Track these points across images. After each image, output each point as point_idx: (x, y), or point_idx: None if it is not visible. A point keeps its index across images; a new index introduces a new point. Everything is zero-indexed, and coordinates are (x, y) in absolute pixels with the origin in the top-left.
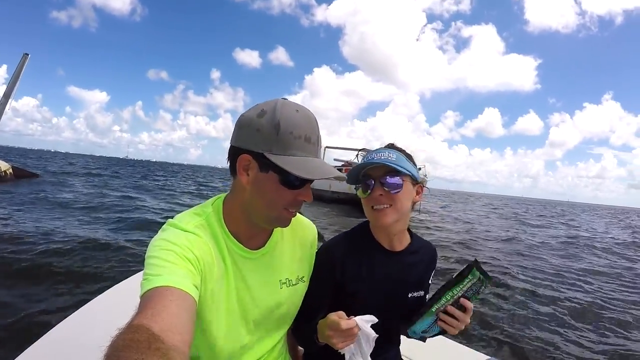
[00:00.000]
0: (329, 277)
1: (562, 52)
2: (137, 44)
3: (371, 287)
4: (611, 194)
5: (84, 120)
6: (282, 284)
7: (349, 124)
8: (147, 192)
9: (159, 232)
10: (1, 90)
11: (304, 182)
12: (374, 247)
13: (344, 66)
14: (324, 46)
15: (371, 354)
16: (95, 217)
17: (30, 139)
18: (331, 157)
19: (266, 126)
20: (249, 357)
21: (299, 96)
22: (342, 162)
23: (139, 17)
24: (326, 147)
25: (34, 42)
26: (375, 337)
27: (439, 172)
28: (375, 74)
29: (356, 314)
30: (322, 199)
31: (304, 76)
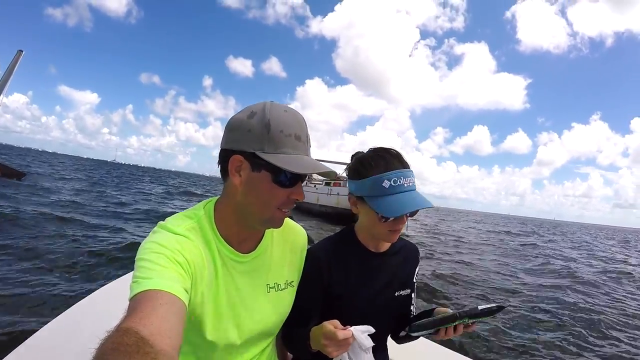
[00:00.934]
0: (317, 281)
1: (552, 72)
2: (131, 46)
3: (358, 289)
4: (597, 212)
5: (73, 120)
6: (271, 288)
7: (338, 137)
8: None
9: (149, 234)
10: None
11: (295, 181)
12: (360, 250)
13: (336, 79)
14: (318, 58)
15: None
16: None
17: (18, 136)
18: None
19: (257, 126)
20: None
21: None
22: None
23: (134, 19)
24: (316, 160)
25: (26, 38)
26: (371, 346)
27: (427, 188)
28: (367, 88)
29: (346, 317)
30: (311, 212)
31: (296, 87)
